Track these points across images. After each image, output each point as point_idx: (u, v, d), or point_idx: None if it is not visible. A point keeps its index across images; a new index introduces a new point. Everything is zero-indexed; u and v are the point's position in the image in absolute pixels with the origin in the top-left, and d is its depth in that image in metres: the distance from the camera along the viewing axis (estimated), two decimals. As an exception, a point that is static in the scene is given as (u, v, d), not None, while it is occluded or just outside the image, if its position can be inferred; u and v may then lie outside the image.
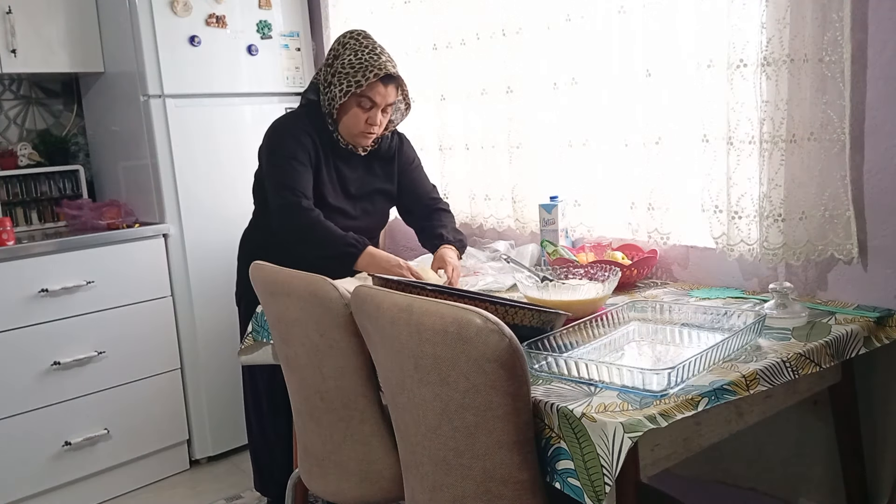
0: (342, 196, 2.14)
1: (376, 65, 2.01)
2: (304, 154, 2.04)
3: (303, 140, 2.06)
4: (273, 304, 1.70)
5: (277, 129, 2.11)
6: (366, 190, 2.19)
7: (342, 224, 2.06)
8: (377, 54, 2.04)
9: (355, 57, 2.03)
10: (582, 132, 2.12)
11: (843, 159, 1.61)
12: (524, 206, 2.33)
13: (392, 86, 2.05)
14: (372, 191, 2.20)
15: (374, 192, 2.20)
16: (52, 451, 2.54)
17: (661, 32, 1.85)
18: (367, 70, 2.00)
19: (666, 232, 1.95)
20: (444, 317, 1.17)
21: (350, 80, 2.01)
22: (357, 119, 2.05)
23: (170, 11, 2.69)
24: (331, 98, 2.06)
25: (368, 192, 2.19)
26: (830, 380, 1.55)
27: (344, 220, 2.11)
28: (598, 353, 1.45)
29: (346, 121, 2.07)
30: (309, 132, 2.08)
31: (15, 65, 2.68)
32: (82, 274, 2.57)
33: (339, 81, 2.03)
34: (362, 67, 2.01)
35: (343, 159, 2.14)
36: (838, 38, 1.56)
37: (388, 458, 1.60)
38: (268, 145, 2.11)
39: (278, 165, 2.04)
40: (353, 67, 2.02)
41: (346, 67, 2.03)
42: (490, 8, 2.29)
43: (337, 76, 2.04)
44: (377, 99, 2.03)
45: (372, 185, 2.20)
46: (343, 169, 2.14)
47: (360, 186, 2.17)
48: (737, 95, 1.67)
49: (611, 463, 1.10)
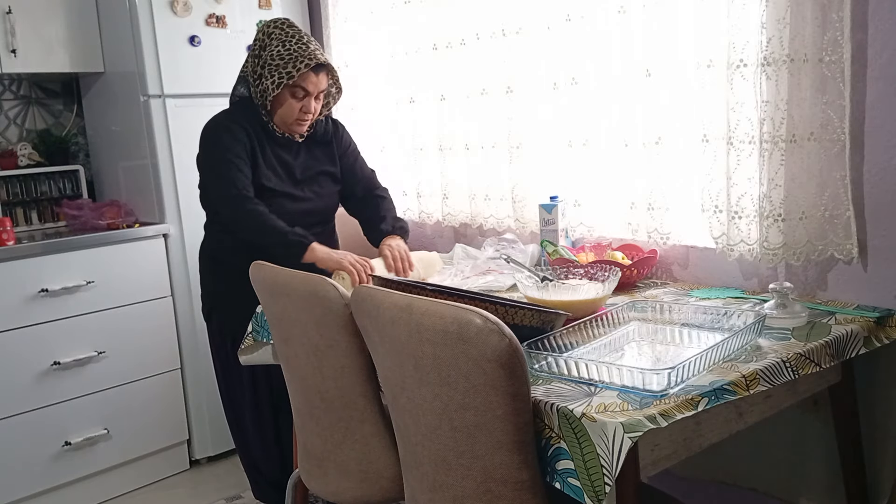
0: (289, 182, 2.15)
1: (306, 55, 2.03)
2: (240, 148, 2.06)
3: (237, 135, 2.07)
4: (273, 304, 1.70)
5: (210, 129, 2.13)
6: (310, 173, 2.20)
7: (294, 208, 2.10)
8: (305, 43, 2.05)
9: (283, 48, 2.04)
10: (582, 132, 2.12)
11: (843, 159, 1.61)
12: (524, 206, 2.33)
13: (323, 73, 2.08)
14: (317, 173, 2.22)
15: (319, 175, 2.22)
16: (52, 451, 2.54)
17: (661, 32, 1.85)
18: (298, 61, 2.02)
19: (666, 232, 1.95)
20: (444, 317, 1.17)
21: (281, 71, 2.03)
22: (291, 109, 2.08)
23: (170, 11, 2.69)
24: (263, 90, 2.07)
25: (314, 175, 2.21)
26: (830, 380, 1.55)
27: (294, 204, 2.13)
28: (598, 353, 1.45)
29: (282, 111, 2.09)
30: (243, 126, 2.09)
31: (15, 65, 2.68)
32: (82, 274, 2.57)
33: (271, 73, 2.04)
34: (292, 58, 2.02)
35: (283, 147, 2.16)
36: (838, 38, 1.57)
37: (388, 458, 1.60)
38: (204, 147, 2.12)
39: (217, 164, 2.06)
40: (282, 59, 2.03)
41: (275, 59, 2.04)
42: (490, 8, 2.29)
43: (267, 68, 2.05)
44: (310, 88, 2.05)
45: (316, 168, 2.22)
46: (284, 156, 2.16)
47: (305, 170, 2.19)
48: (737, 95, 1.67)
49: (611, 463, 1.11)
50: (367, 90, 2.90)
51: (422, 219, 2.76)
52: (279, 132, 2.14)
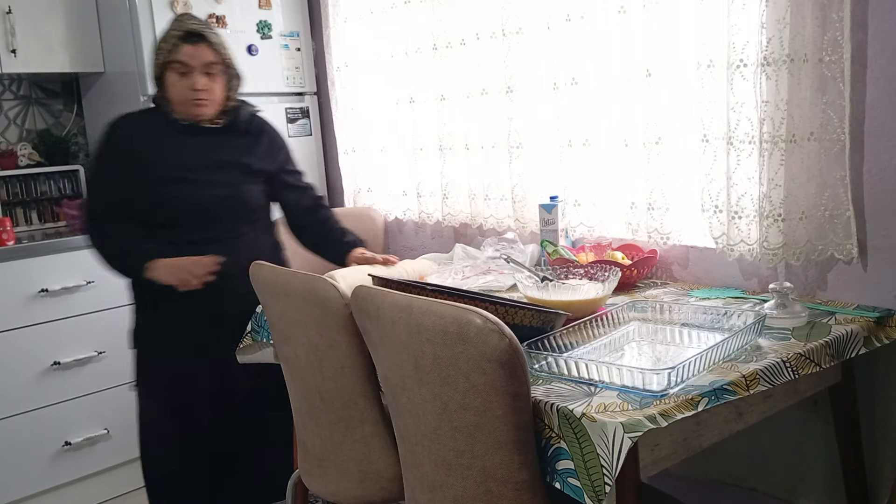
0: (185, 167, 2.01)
1: (178, 28, 1.98)
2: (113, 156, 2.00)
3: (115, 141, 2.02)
4: (273, 304, 1.70)
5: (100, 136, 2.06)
6: (213, 160, 2.04)
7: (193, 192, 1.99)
8: (182, 21, 2.00)
9: (164, 33, 2.01)
10: (582, 132, 2.11)
11: (842, 159, 1.61)
12: (524, 206, 2.33)
13: (203, 46, 1.97)
14: (224, 162, 2.05)
15: (226, 164, 2.06)
16: (52, 451, 2.54)
17: (661, 32, 1.85)
18: (170, 36, 1.98)
19: (666, 232, 1.95)
20: (444, 317, 1.17)
21: (160, 53, 1.99)
22: (178, 88, 1.98)
23: (170, 11, 2.70)
24: (156, 79, 2.03)
25: (220, 164, 2.05)
26: (830, 380, 1.55)
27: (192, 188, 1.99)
28: (598, 353, 1.45)
29: (173, 94, 2.00)
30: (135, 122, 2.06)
31: (15, 65, 2.68)
32: (82, 274, 2.57)
33: (155, 60, 2.01)
34: (166, 36, 1.99)
35: (188, 134, 2.04)
36: (838, 38, 1.57)
37: (388, 458, 1.60)
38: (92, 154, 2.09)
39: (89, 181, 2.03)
40: (161, 41, 2.00)
41: (158, 45, 2.01)
42: (490, 8, 2.29)
43: (154, 57, 2.02)
44: (189, 60, 1.96)
45: (223, 157, 2.06)
46: (186, 141, 2.03)
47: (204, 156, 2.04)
48: (737, 95, 1.67)
49: (611, 463, 1.10)
50: (367, 90, 2.90)
51: (422, 219, 2.76)
52: (184, 120, 2.03)
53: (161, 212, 1.99)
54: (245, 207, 2.08)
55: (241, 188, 2.06)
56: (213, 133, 2.07)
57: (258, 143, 2.13)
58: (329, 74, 3.02)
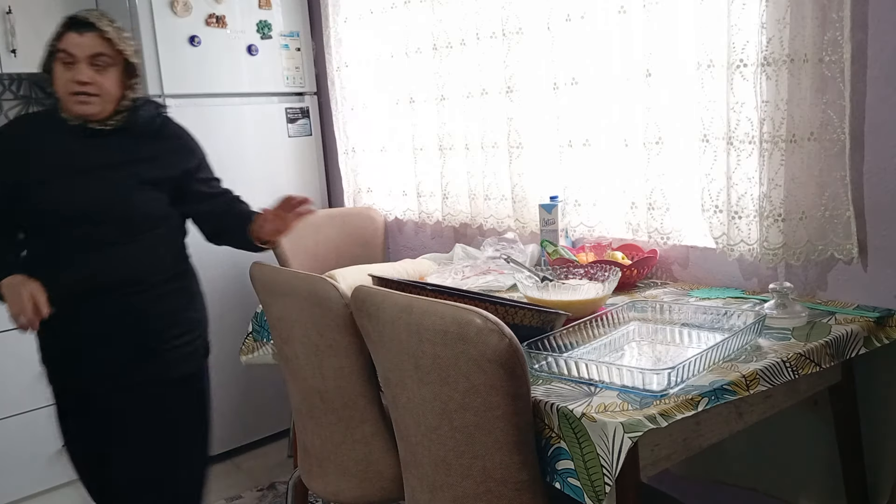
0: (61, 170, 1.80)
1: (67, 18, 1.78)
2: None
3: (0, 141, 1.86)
4: (273, 304, 1.70)
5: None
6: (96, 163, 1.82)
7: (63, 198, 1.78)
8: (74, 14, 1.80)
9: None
10: (582, 132, 2.11)
11: (843, 159, 1.61)
12: (524, 206, 2.33)
13: (91, 35, 1.76)
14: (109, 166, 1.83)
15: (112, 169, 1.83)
16: (52, 451, 2.54)
17: (661, 33, 1.85)
18: (59, 27, 1.77)
19: (666, 232, 1.95)
20: (444, 317, 1.17)
21: (49, 45, 1.79)
22: (62, 80, 1.77)
23: (170, 11, 2.70)
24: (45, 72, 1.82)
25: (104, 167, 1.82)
26: (830, 380, 1.55)
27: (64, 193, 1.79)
28: (598, 353, 1.45)
29: (58, 88, 1.79)
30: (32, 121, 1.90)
31: (15, 65, 2.68)
32: (82, 274, 2.57)
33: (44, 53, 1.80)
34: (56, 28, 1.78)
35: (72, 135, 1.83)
36: (838, 38, 1.57)
37: (388, 458, 1.60)
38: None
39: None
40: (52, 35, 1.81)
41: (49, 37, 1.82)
42: (490, 8, 2.29)
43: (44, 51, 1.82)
44: (73, 50, 1.75)
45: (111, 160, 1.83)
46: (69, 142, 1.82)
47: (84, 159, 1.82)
48: (737, 95, 1.67)
49: (611, 463, 1.11)
50: (367, 90, 2.90)
51: (422, 219, 2.76)
52: (71, 121, 1.82)
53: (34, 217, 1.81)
54: (130, 216, 1.84)
55: (126, 195, 1.83)
56: (101, 135, 1.84)
57: (158, 147, 1.90)
58: (329, 74, 3.02)
